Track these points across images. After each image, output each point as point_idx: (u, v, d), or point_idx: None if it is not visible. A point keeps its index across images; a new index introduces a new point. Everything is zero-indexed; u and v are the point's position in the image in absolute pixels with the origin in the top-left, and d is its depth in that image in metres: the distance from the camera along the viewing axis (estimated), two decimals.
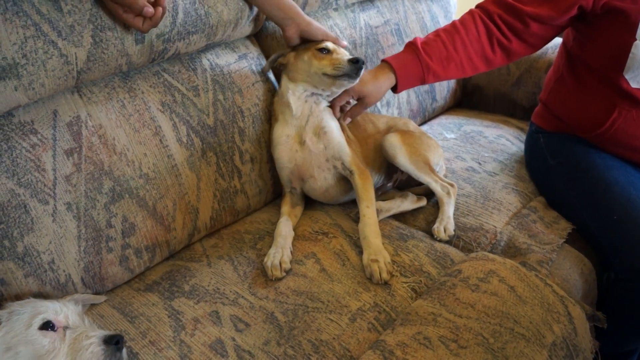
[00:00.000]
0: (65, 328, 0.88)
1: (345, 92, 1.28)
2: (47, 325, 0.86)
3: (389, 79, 1.29)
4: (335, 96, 1.29)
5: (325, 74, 1.20)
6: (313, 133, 1.25)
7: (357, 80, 1.21)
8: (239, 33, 1.31)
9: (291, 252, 1.15)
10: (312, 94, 1.26)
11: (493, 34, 1.29)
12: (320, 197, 1.32)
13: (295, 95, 1.25)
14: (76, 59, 0.99)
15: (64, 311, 0.89)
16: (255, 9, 1.30)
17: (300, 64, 1.24)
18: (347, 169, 1.24)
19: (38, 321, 0.85)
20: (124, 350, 0.89)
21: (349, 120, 1.33)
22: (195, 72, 1.24)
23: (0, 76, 0.90)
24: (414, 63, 1.28)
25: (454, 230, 1.26)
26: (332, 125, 1.27)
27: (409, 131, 1.39)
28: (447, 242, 1.24)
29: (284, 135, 1.27)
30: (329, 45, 1.23)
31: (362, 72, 1.19)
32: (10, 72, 0.91)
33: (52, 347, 0.84)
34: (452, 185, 1.32)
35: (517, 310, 1.00)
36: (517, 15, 1.27)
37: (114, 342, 0.87)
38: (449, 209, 1.28)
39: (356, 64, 1.17)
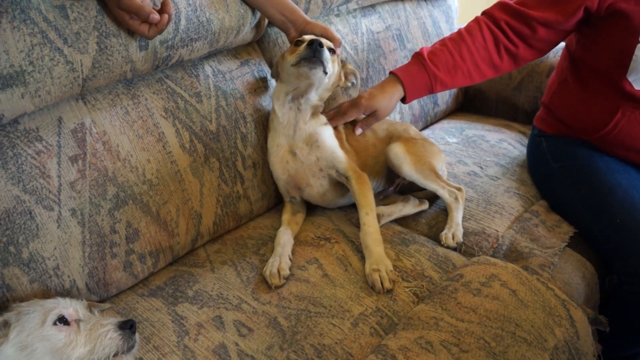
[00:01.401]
0: (78, 321, 0.90)
1: (355, 108, 1.28)
2: (61, 320, 0.88)
3: (397, 91, 1.29)
4: (315, 94, 1.22)
5: (292, 66, 1.15)
6: (304, 143, 1.24)
7: (322, 67, 1.13)
8: (241, 40, 1.32)
9: (290, 259, 1.15)
10: (293, 98, 1.22)
11: (500, 40, 1.30)
12: (318, 201, 1.33)
13: (279, 100, 1.24)
14: (82, 66, 1.00)
15: (72, 306, 0.92)
16: (257, 16, 1.31)
17: (285, 64, 1.21)
18: (342, 176, 1.24)
19: (52, 317, 0.87)
20: (137, 334, 0.93)
21: (360, 131, 1.33)
22: (197, 78, 1.25)
23: (8, 83, 0.91)
24: (421, 73, 1.29)
25: (462, 238, 1.25)
26: (325, 134, 1.26)
27: (412, 138, 1.38)
28: (455, 249, 1.24)
29: (275, 144, 1.27)
30: (305, 37, 1.19)
31: (325, 55, 1.12)
32: (17, 80, 0.92)
33: (69, 340, 0.87)
34: (459, 190, 1.32)
35: (519, 314, 1.00)
36: (525, 20, 1.27)
37: (128, 327, 0.91)
38: (457, 216, 1.28)
39: (310, 45, 1.11)
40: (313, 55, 1.11)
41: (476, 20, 1.34)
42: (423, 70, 1.29)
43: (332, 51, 1.20)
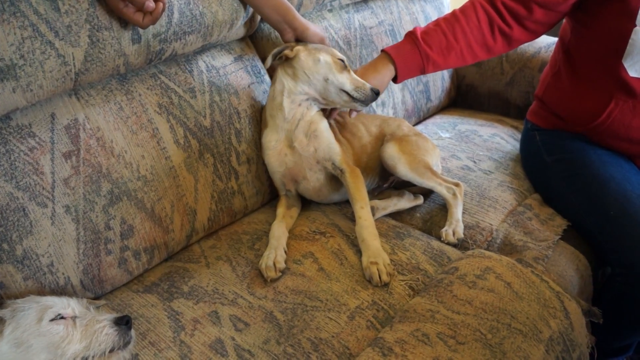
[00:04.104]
0: (74, 317, 0.90)
1: None
2: (58, 318, 0.88)
3: (389, 70, 1.29)
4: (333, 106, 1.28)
5: (343, 91, 1.20)
6: (304, 135, 1.25)
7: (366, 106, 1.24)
8: (234, 34, 1.32)
9: (285, 252, 1.15)
10: (308, 99, 1.24)
11: (494, 21, 1.29)
12: (313, 196, 1.33)
13: (290, 97, 1.22)
14: (74, 60, 0.99)
15: (70, 304, 0.91)
16: (250, 11, 1.31)
17: (312, 63, 1.20)
18: (337, 169, 1.25)
19: (50, 315, 0.87)
20: (132, 330, 0.93)
21: (354, 114, 1.31)
22: (191, 73, 1.24)
23: None
24: (413, 53, 1.28)
25: (463, 234, 1.26)
26: (322, 127, 1.26)
27: (405, 136, 1.38)
28: (455, 245, 1.24)
29: (273, 140, 1.27)
30: (345, 59, 1.23)
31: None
32: (8, 74, 0.91)
33: (66, 334, 0.86)
34: (457, 185, 1.32)
35: (514, 306, 1.01)
36: (522, 1, 1.27)
37: (124, 323, 0.91)
38: (457, 212, 1.28)
39: (377, 95, 1.21)
40: (372, 101, 1.22)
41: (471, 1, 1.33)
42: (415, 49, 1.29)
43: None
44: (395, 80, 1.32)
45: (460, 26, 1.29)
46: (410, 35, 1.31)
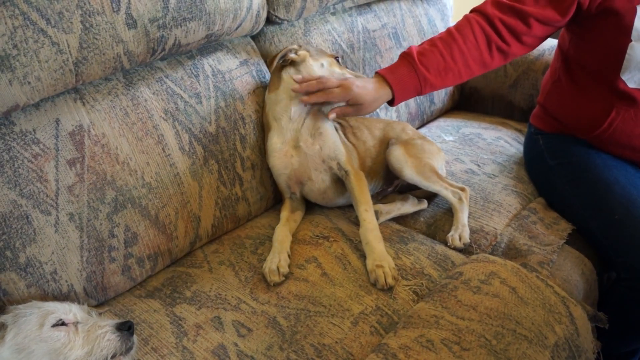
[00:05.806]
0: (76, 323, 0.90)
1: (344, 92, 1.25)
2: (60, 324, 0.88)
3: (385, 94, 1.25)
4: None
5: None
6: (309, 134, 1.26)
7: None
8: (239, 29, 1.30)
9: (289, 256, 1.15)
10: None
11: (492, 40, 1.26)
12: (318, 199, 1.33)
13: (297, 97, 1.24)
14: (69, 47, 0.97)
15: (72, 310, 0.91)
16: (253, 2, 1.28)
17: (318, 68, 1.26)
18: (342, 169, 1.25)
19: (51, 320, 0.87)
20: (135, 335, 0.93)
21: (333, 115, 1.24)
22: (197, 78, 1.24)
23: None
24: (410, 76, 1.24)
25: (470, 238, 1.25)
26: (327, 125, 1.28)
27: (411, 140, 1.38)
28: (461, 250, 1.23)
29: (278, 142, 1.27)
30: (337, 56, 1.33)
31: None
32: (3, 65, 0.90)
33: (68, 340, 0.86)
34: (462, 190, 1.32)
35: (519, 312, 1.00)
36: (521, 17, 1.24)
37: (126, 328, 0.91)
38: (463, 216, 1.28)
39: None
40: None
41: (467, 18, 1.29)
42: (413, 72, 1.24)
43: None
44: (391, 103, 1.28)
45: (457, 46, 1.25)
46: (406, 56, 1.26)
